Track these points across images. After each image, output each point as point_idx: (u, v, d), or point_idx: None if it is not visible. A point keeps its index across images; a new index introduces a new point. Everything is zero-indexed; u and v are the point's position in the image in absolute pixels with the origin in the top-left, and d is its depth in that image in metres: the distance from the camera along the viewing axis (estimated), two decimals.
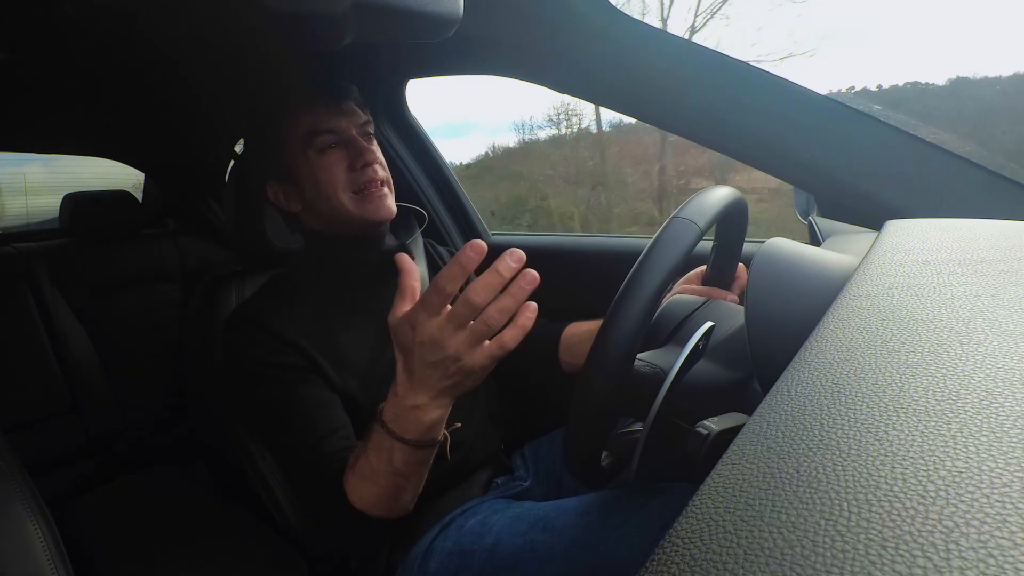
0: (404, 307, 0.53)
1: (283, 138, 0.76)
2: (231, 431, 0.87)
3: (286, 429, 0.71)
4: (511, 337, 0.51)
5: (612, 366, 0.48)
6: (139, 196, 1.78)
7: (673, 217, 0.52)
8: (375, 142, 0.79)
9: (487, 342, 0.51)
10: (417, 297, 0.53)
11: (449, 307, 0.49)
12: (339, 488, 0.63)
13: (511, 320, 0.50)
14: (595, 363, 0.48)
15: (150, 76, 1.02)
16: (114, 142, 1.59)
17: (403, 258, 0.55)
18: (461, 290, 0.49)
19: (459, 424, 0.62)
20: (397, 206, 0.81)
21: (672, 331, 0.63)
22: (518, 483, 0.89)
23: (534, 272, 0.48)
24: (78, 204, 1.52)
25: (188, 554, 0.84)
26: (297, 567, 0.81)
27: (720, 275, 0.73)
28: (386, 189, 0.78)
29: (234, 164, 0.97)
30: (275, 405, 0.72)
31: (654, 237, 0.51)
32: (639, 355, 0.56)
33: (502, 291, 0.49)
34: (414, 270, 0.55)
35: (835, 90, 0.77)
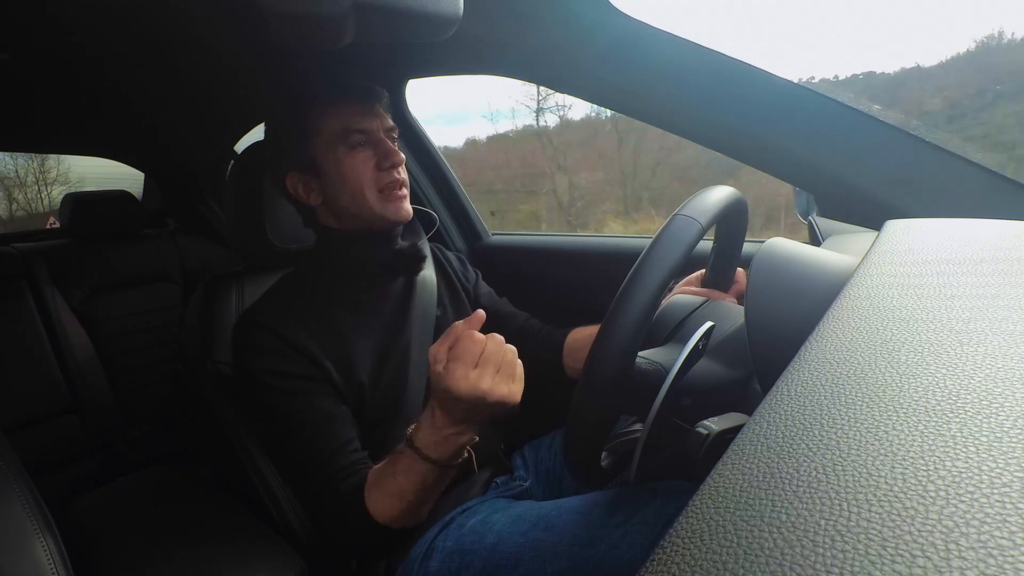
0: (444, 344, 0.62)
1: (314, 131, 0.77)
2: (231, 431, 0.87)
3: (296, 443, 0.73)
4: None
5: (613, 363, 0.47)
6: None
7: (675, 215, 0.52)
8: (397, 146, 0.81)
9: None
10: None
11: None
12: (359, 504, 0.68)
13: None
14: (596, 360, 0.48)
15: (150, 76, 1.02)
16: (114, 142, 1.59)
17: (479, 316, 0.64)
18: None
19: (476, 438, 0.68)
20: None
21: (672, 330, 0.63)
22: (518, 483, 0.89)
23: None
24: (78, 204, 1.52)
25: (188, 554, 0.84)
26: (297, 567, 0.81)
27: (719, 277, 0.73)
28: (405, 191, 0.80)
29: (234, 163, 0.97)
30: (285, 417, 0.73)
31: (656, 234, 0.51)
32: (640, 353, 0.57)
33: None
34: (476, 320, 0.64)
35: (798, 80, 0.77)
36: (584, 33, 0.80)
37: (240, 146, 1.57)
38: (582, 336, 0.91)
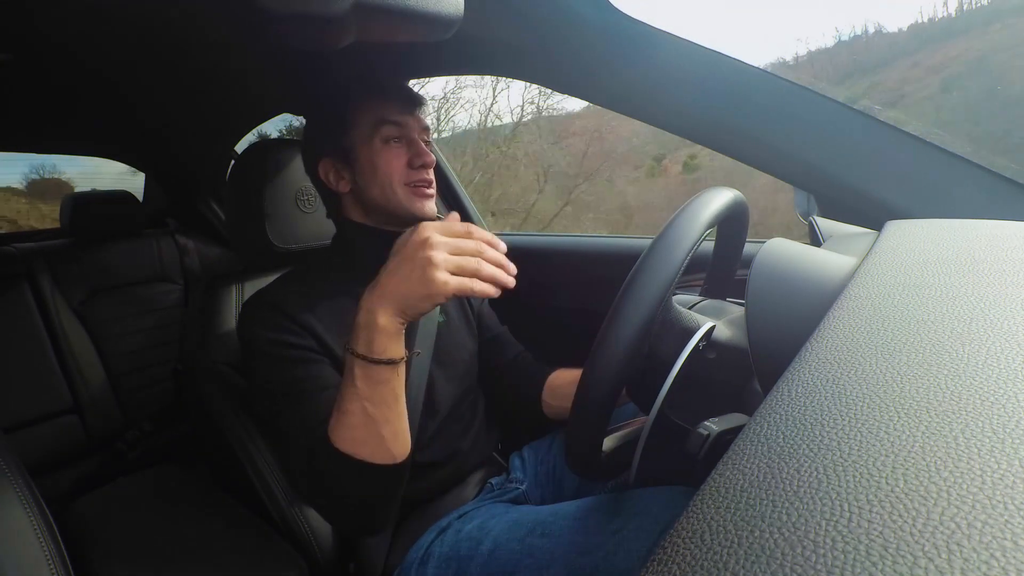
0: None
1: (353, 123, 0.79)
2: (231, 431, 0.87)
3: (289, 409, 0.71)
4: (480, 288, 0.59)
5: (622, 349, 0.47)
6: None
7: (681, 209, 0.52)
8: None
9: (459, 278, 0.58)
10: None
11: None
12: (325, 437, 0.63)
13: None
14: (607, 337, 0.47)
15: (151, 76, 1.02)
16: (114, 142, 1.59)
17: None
18: None
19: (419, 352, 0.65)
20: None
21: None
22: (514, 485, 0.89)
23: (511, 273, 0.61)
24: (78, 204, 1.52)
25: (188, 554, 0.84)
26: (297, 567, 0.80)
27: (719, 281, 0.73)
28: (433, 191, 0.82)
29: (235, 163, 0.97)
30: (284, 385, 0.72)
31: (667, 223, 0.50)
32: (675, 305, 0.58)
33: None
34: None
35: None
36: (584, 33, 0.80)
37: (240, 146, 1.57)
38: (567, 377, 0.91)
